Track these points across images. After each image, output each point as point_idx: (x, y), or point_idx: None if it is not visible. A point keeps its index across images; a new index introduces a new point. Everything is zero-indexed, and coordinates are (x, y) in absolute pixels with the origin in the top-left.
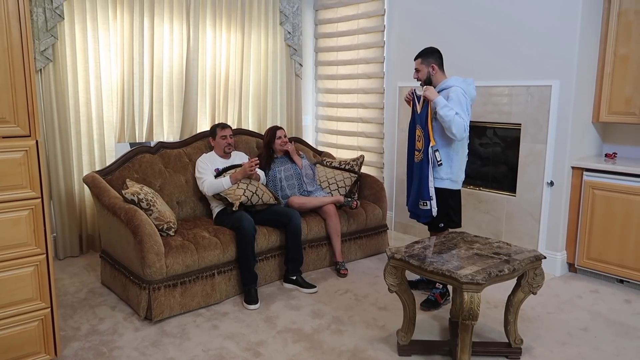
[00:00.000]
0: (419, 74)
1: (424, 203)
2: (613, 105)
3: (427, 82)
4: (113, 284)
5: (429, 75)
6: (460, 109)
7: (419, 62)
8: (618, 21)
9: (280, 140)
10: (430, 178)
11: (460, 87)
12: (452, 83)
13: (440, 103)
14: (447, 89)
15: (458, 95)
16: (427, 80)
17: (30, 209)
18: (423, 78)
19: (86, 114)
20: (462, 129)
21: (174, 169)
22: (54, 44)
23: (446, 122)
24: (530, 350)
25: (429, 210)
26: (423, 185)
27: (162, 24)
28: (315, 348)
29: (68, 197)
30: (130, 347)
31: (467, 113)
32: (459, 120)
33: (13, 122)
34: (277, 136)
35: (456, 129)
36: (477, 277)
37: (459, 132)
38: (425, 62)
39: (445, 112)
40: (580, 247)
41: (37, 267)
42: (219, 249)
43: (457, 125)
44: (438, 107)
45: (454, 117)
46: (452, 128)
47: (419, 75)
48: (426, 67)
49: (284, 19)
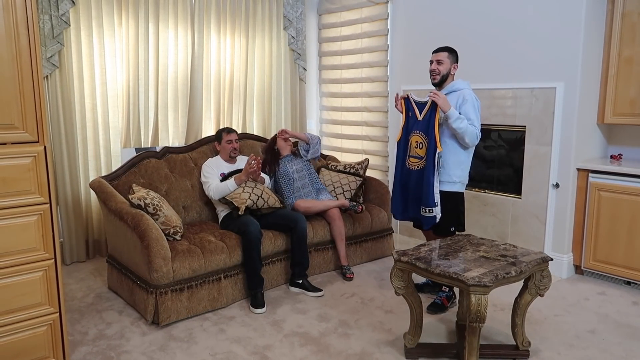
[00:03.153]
0: (441, 66)
1: (429, 210)
2: (618, 107)
3: (444, 79)
4: (120, 289)
5: (449, 72)
6: (474, 114)
7: (446, 56)
8: (622, 23)
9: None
10: (436, 184)
11: (471, 91)
12: (462, 86)
13: (453, 116)
14: (458, 91)
15: (473, 100)
16: (445, 77)
17: (39, 214)
18: (444, 72)
19: (92, 120)
20: (475, 138)
21: (180, 174)
22: (60, 51)
23: (459, 134)
24: (538, 353)
25: (433, 217)
26: (429, 192)
27: (167, 29)
28: (322, 352)
29: (75, 202)
30: (138, 351)
31: (479, 118)
32: (471, 129)
33: (22, 129)
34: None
35: (469, 138)
36: (484, 280)
37: (471, 141)
38: (451, 58)
39: (458, 124)
40: (587, 249)
41: (45, 272)
42: (225, 253)
43: (470, 135)
44: (450, 119)
45: (467, 128)
46: (465, 138)
47: (441, 68)
48: (450, 63)
49: (288, 24)
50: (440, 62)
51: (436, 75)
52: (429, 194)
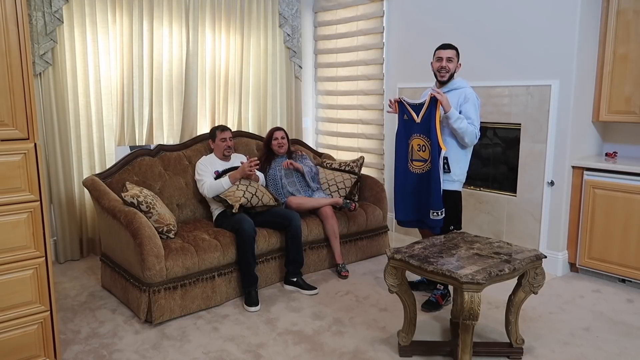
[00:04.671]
0: (450, 64)
1: (438, 213)
2: (613, 105)
3: (450, 77)
4: (113, 287)
5: (455, 70)
6: (475, 113)
7: (455, 54)
8: (617, 20)
9: (276, 142)
10: (442, 186)
11: (472, 90)
12: (463, 84)
13: (453, 116)
14: (459, 90)
15: (474, 99)
16: (451, 75)
17: (29, 212)
18: (452, 70)
19: (86, 117)
20: (474, 138)
21: (174, 172)
22: (54, 48)
23: (459, 134)
24: (532, 351)
25: (440, 220)
26: (436, 194)
27: (162, 27)
28: (316, 350)
29: (68, 200)
30: (131, 350)
31: (479, 118)
32: (471, 129)
33: (11, 125)
34: (274, 137)
35: (469, 138)
36: (477, 277)
37: (471, 141)
38: (458, 57)
39: (459, 124)
40: (582, 247)
41: (36, 270)
42: (219, 251)
43: (469, 135)
44: (451, 119)
45: (467, 128)
46: (465, 138)
47: (451, 66)
48: (457, 61)
49: (283, 21)
50: (450, 60)
51: (445, 73)
52: (435, 196)
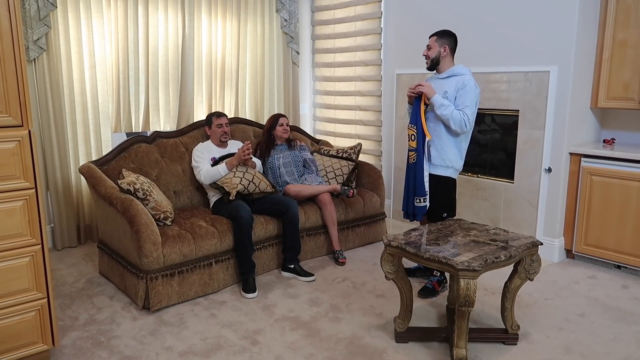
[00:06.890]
0: (429, 51)
1: (421, 199)
2: (611, 91)
3: (435, 62)
4: (111, 274)
5: (439, 55)
6: (471, 101)
7: (433, 40)
8: (617, 5)
9: (281, 128)
10: (425, 173)
11: (472, 78)
12: (462, 71)
13: (436, 102)
14: (458, 77)
15: (472, 87)
16: (435, 61)
17: (24, 199)
18: (432, 56)
19: (81, 104)
20: (463, 125)
21: (171, 159)
22: (47, 33)
23: (444, 120)
24: (527, 336)
25: (424, 207)
26: (419, 181)
27: (157, 11)
28: (312, 336)
29: (65, 187)
30: (128, 336)
31: (476, 106)
32: (457, 116)
33: (5, 112)
34: (280, 123)
35: (456, 125)
36: (473, 264)
37: (460, 128)
38: (439, 41)
39: (442, 111)
40: (578, 234)
41: (32, 257)
42: (217, 238)
43: (455, 121)
44: (435, 105)
45: (451, 114)
46: (451, 124)
47: (429, 53)
48: (439, 46)
49: (280, 6)
50: (429, 47)
51: (427, 60)
52: (418, 183)
